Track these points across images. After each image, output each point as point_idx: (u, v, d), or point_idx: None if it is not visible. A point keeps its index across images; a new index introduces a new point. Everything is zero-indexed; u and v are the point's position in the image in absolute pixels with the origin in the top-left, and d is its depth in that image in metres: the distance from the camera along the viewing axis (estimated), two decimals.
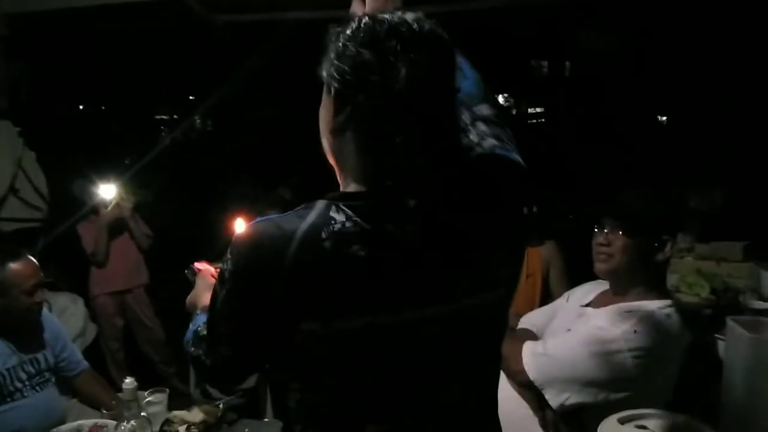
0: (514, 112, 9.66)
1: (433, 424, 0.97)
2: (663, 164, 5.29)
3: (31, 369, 2.30)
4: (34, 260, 2.31)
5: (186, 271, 1.43)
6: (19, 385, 2.25)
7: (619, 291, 1.80)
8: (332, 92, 0.93)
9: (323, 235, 0.87)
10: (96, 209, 3.64)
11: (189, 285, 1.40)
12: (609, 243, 1.76)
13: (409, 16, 0.92)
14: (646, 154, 5.95)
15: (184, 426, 2.10)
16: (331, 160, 1.01)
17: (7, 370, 2.22)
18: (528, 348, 1.71)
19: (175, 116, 9.90)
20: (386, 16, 0.91)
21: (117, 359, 3.84)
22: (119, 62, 5.50)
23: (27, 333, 2.33)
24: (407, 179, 0.92)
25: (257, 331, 0.93)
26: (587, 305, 1.87)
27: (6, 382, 2.20)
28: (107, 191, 3.57)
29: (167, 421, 2.13)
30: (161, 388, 2.27)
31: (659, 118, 8.23)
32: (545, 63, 9.64)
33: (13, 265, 2.19)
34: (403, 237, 0.90)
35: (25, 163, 3.46)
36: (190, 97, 9.54)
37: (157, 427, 2.07)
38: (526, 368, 1.67)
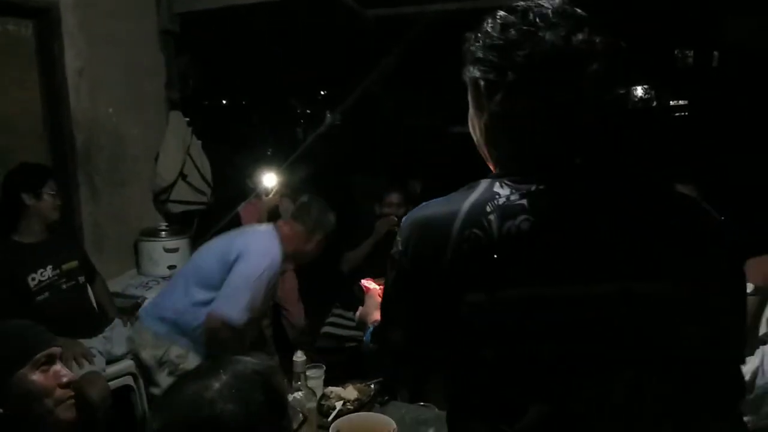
0: (654, 104, 9.15)
1: (603, 415, 0.91)
2: None
3: None
4: None
5: (354, 287, 1.51)
6: None
7: None
8: (481, 85, 0.94)
9: (488, 209, 0.89)
10: (259, 195, 3.88)
11: (357, 301, 1.48)
12: None
13: (539, 0, 0.93)
14: None
15: (340, 402, 2.20)
16: (486, 153, 1.02)
17: None
18: None
19: (307, 111, 10.32)
20: (518, 3, 0.93)
21: (265, 334, 4.08)
22: (268, 57, 5.83)
23: None
24: (571, 151, 0.92)
25: (425, 309, 0.95)
26: None
27: None
28: (269, 180, 3.80)
29: (324, 396, 2.24)
30: (318, 364, 2.39)
31: None
32: (690, 53, 9.04)
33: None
34: (568, 211, 0.90)
35: (193, 150, 3.77)
36: (322, 92, 9.89)
37: (316, 401, 2.18)
38: None
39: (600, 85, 0.90)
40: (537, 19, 0.90)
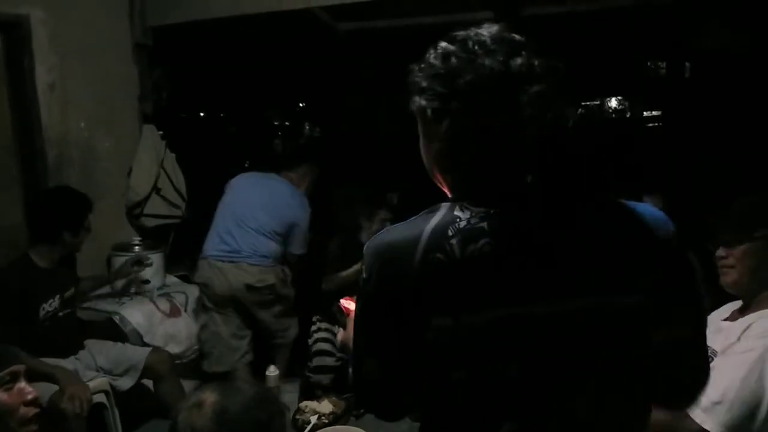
0: (628, 115, 9.28)
1: (570, 428, 0.96)
2: None
3: None
4: None
5: (333, 308, 1.49)
6: None
7: (747, 304, 1.71)
8: (429, 114, 0.96)
9: (450, 232, 0.91)
10: None
11: (337, 322, 1.47)
12: (728, 253, 1.68)
13: (478, 28, 0.96)
14: None
15: (315, 416, 2.20)
16: (439, 180, 1.04)
17: None
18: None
19: (286, 123, 10.29)
20: (457, 33, 0.97)
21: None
22: (242, 70, 5.81)
23: None
24: (522, 171, 0.95)
25: (393, 335, 0.96)
26: (725, 319, 1.78)
27: None
28: None
29: (299, 410, 2.24)
30: (293, 378, 2.39)
31: None
32: (663, 64, 9.19)
33: None
34: (527, 232, 0.92)
35: (167, 164, 3.74)
36: (300, 104, 9.87)
37: (291, 415, 2.17)
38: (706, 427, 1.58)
39: (542, 105, 0.93)
40: (476, 47, 0.93)
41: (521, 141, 0.93)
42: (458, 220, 0.92)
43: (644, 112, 9.47)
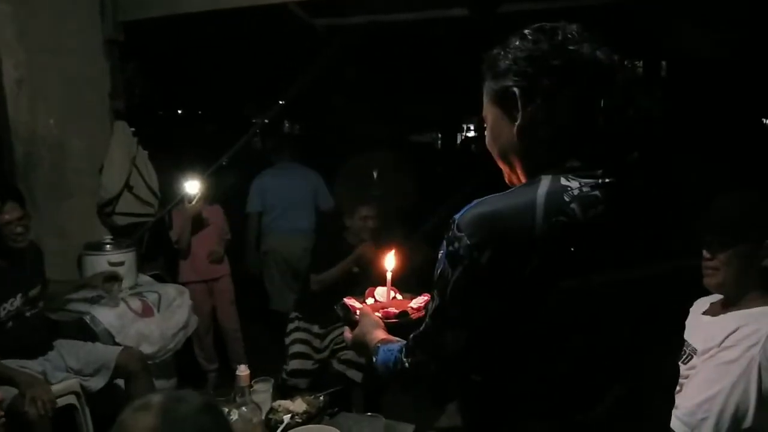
0: None
1: (664, 388, 1.04)
2: None
3: None
4: None
5: (335, 307, 1.43)
6: None
7: (731, 301, 1.72)
8: (516, 93, 1.01)
9: (566, 198, 0.93)
10: (184, 201, 3.87)
11: (339, 320, 1.43)
12: (712, 256, 1.69)
13: (559, 23, 1.03)
14: (751, 159, 5.58)
15: (288, 415, 2.17)
16: (514, 160, 1.06)
17: None
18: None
19: (266, 120, 10.23)
20: (543, 24, 1.03)
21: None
22: (219, 67, 5.76)
23: None
24: (617, 148, 1.01)
25: (500, 303, 0.93)
26: (705, 313, 1.79)
27: None
28: (192, 186, 3.79)
29: (272, 410, 2.21)
30: (266, 378, 2.35)
31: (765, 121, 7.74)
32: (639, 63, 9.28)
33: None
34: (638, 202, 1.00)
35: (139, 161, 3.68)
36: (280, 102, 9.82)
37: (263, 415, 2.14)
38: None
39: (632, 91, 1.01)
40: (566, 35, 1.00)
41: (621, 120, 1.00)
42: (569, 188, 0.94)
43: None
